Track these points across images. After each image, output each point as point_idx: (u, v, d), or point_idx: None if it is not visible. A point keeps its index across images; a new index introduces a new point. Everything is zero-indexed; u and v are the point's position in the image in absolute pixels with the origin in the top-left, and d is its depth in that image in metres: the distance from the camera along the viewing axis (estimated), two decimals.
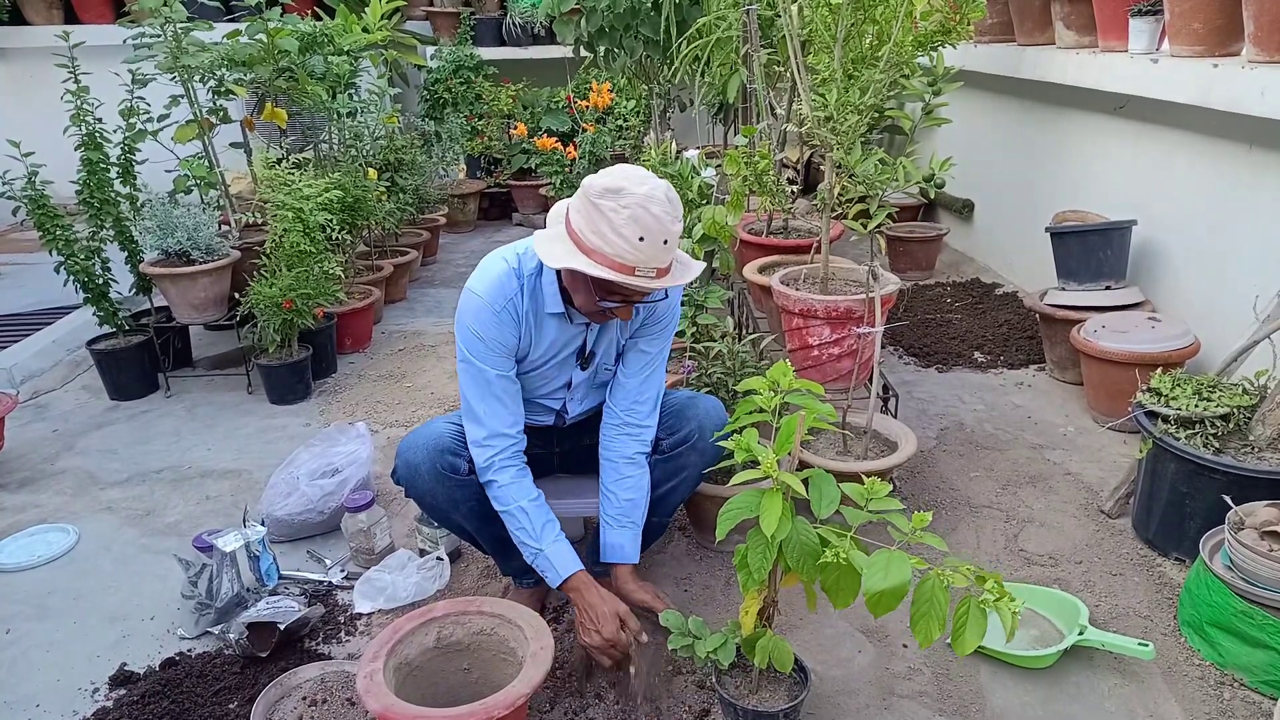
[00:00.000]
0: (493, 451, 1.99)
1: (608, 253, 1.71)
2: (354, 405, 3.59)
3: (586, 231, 1.74)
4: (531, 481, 2.02)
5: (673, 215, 1.74)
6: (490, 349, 1.94)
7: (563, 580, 1.97)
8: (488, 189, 6.62)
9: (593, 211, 1.72)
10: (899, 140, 5.86)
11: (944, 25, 2.63)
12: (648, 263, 1.72)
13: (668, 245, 1.74)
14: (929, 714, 1.96)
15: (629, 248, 1.70)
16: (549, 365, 2.06)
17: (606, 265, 1.72)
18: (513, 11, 6.91)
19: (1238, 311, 2.84)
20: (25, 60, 6.19)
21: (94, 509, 2.89)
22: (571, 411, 2.20)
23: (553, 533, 1.99)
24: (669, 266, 1.79)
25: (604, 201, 1.71)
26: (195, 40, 3.69)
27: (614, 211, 1.70)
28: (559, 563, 1.97)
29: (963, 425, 3.25)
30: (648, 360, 2.08)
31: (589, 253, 1.74)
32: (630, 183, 1.72)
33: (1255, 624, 1.95)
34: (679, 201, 1.78)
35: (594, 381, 2.16)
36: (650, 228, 1.70)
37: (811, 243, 3.58)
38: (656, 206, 1.70)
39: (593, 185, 1.73)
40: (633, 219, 1.69)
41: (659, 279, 1.76)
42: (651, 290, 1.79)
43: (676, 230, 1.74)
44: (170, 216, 3.56)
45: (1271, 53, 2.67)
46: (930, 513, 1.61)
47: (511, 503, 1.98)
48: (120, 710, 2.01)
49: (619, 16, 4.17)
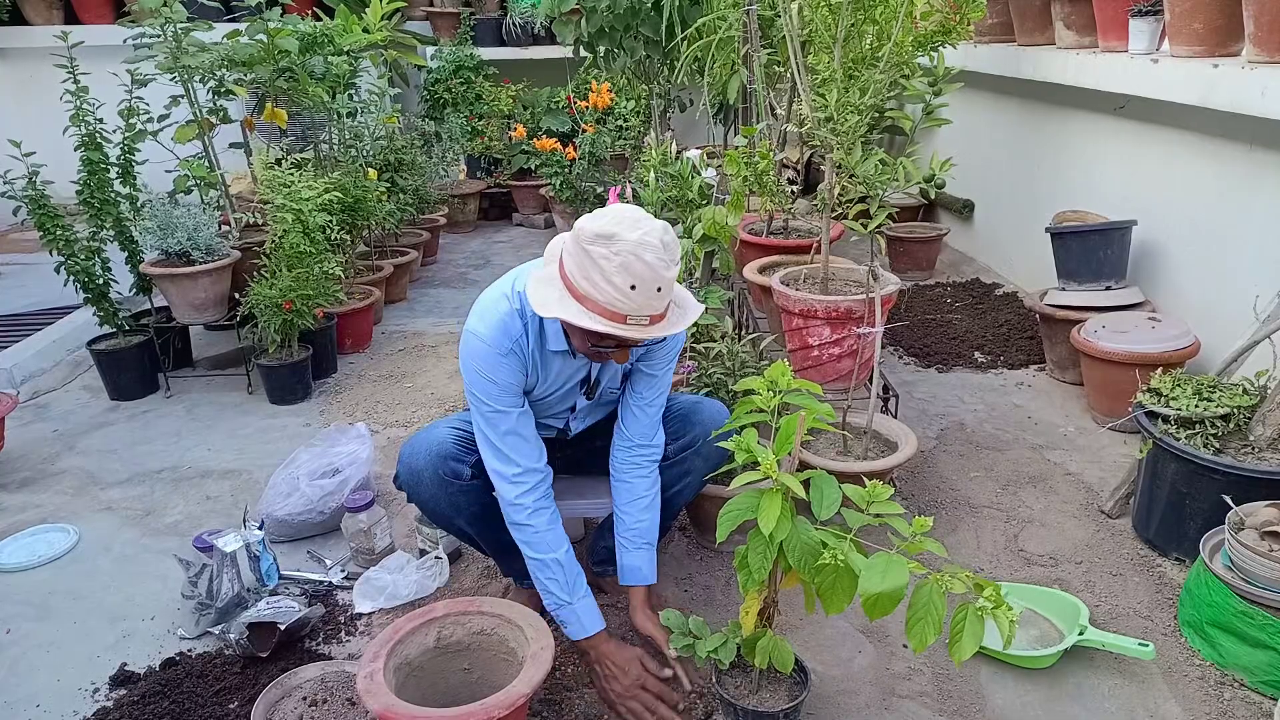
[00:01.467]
0: (524, 489, 1.94)
1: (599, 300, 1.66)
2: (354, 405, 3.59)
3: (578, 277, 1.68)
4: (560, 527, 2.00)
5: (666, 261, 1.66)
6: (503, 390, 1.90)
7: (586, 636, 1.97)
8: (488, 189, 6.62)
9: (584, 258, 1.67)
10: (899, 140, 5.86)
11: (944, 25, 2.64)
12: (640, 311, 1.66)
13: (661, 293, 1.67)
14: (929, 714, 1.96)
15: (620, 296, 1.64)
16: (554, 396, 2.05)
17: (598, 313, 1.66)
18: (513, 12, 6.91)
19: (1238, 311, 2.84)
20: (25, 60, 6.19)
21: (94, 509, 2.89)
22: (575, 429, 2.20)
23: (582, 588, 1.98)
24: (664, 311, 1.74)
25: (595, 248, 1.65)
26: (195, 40, 3.69)
27: (605, 259, 1.63)
28: (586, 619, 1.97)
29: (963, 425, 3.25)
30: (654, 383, 2.06)
31: (581, 299, 1.69)
32: (622, 228, 1.65)
33: (1255, 624, 1.95)
34: (676, 244, 1.71)
35: (598, 404, 2.16)
36: (642, 276, 1.63)
37: (811, 243, 3.58)
38: (649, 254, 1.63)
39: (585, 230, 1.67)
40: (624, 267, 1.63)
41: (652, 326, 1.70)
42: (644, 337, 1.73)
43: (670, 276, 1.68)
44: (170, 217, 3.56)
45: (1272, 53, 2.67)
46: (930, 517, 1.61)
47: (547, 552, 1.96)
48: (120, 710, 2.01)
49: (619, 17, 4.18)
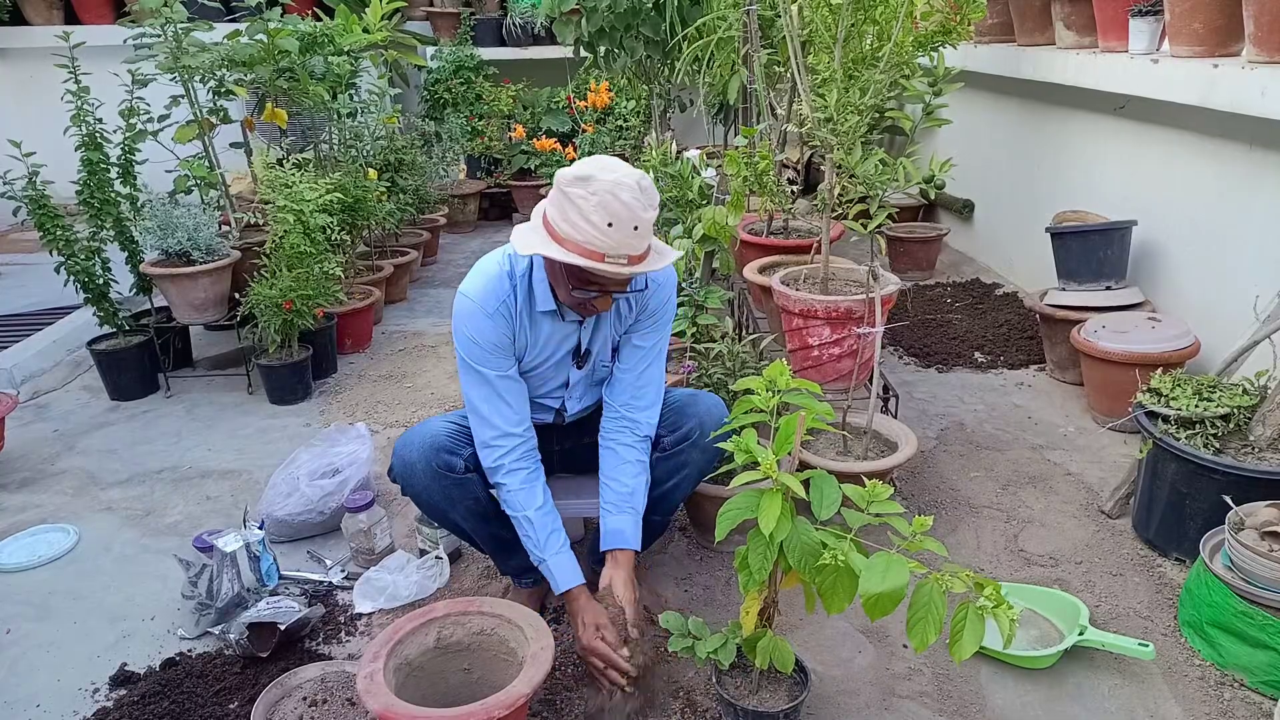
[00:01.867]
0: (501, 452, 1.99)
1: (578, 240, 1.73)
2: (354, 405, 3.59)
3: (558, 220, 1.76)
4: (541, 486, 2.03)
5: (643, 202, 1.73)
6: (487, 351, 1.96)
7: (561, 591, 1.99)
8: (488, 189, 6.62)
9: (563, 200, 1.74)
10: (899, 141, 5.86)
11: (944, 26, 2.63)
12: (617, 249, 1.72)
13: (639, 231, 1.73)
14: (929, 714, 1.96)
15: (598, 234, 1.71)
16: (546, 365, 2.07)
17: (576, 252, 1.73)
18: (513, 12, 6.91)
19: (1238, 311, 2.84)
20: (25, 60, 6.19)
21: (94, 509, 2.89)
22: (570, 409, 2.20)
23: (557, 543, 2.00)
24: (643, 254, 1.79)
25: (573, 189, 1.73)
26: (195, 41, 3.68)
27: (582, 199, 1.71)
28: (560, 575, 1.99)
29: (963, 425, 3.25)
30: (642, 354, 2.08)
31: (561, 241, 1.75)
32: (599, 171, 1.73)
33: (1255, 624, 1.95)
34: (653, 190, 1.78)
35: (592, 379, 2.16)
36: (619, 214, 1.70)
37: (812, 243, 3.58)
38: (625, 193, 1.71)
39: (564, 175, 1.76)
40: (601, 205, 1.70)
41: (631, 266, 1.76)
42: (623, 276, 1.78)
43: (648, 218, 1.74)
44: (170, 217, 3.56)
45: (1272, 53, 2.67)
46: (931, 517, 1.61)
47: (520, 510, 1.99)
48: (120, 710, 2.01)
49: (619, 17, 4.17)
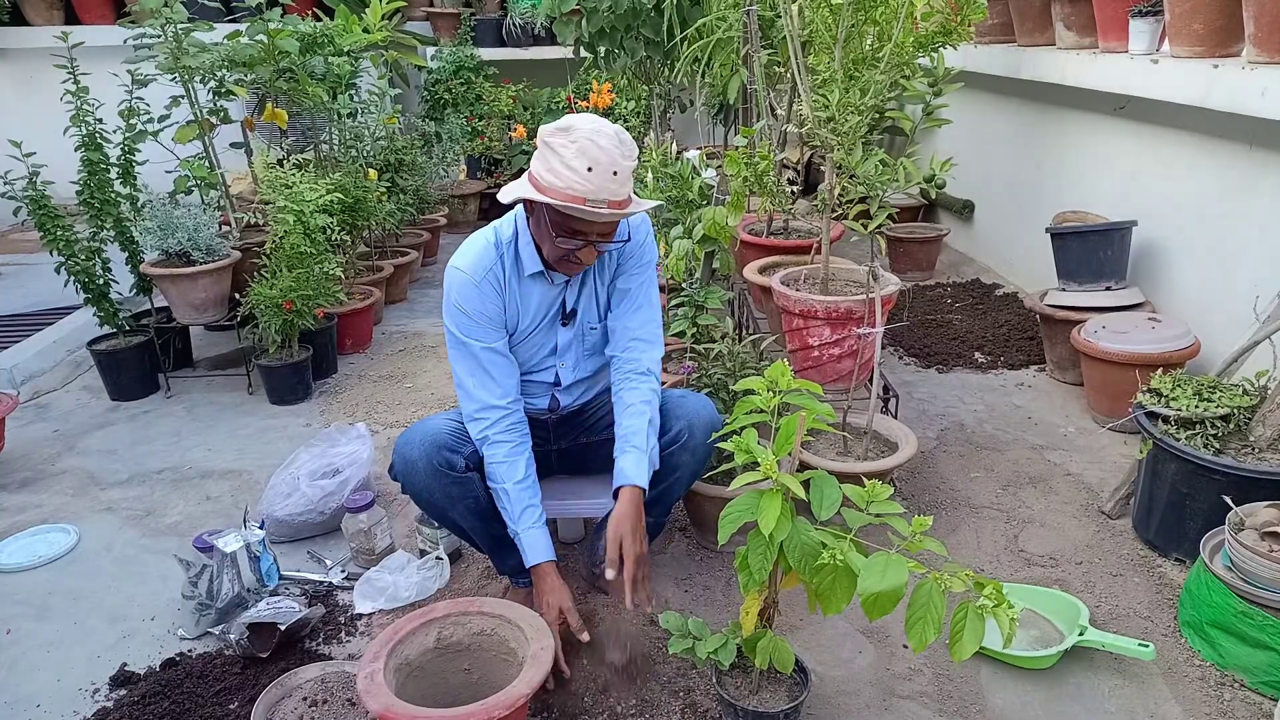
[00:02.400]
0: (485, 424, 2.03)
1: (559, 186, 1.80)
2: (354, 406, 3.59)
3: (541, 171, 1.83)
4: (525, 461, 2.05)
5: (622, 151, 1.81)
6: (475, 322, 2.00)
7: (532, 565, 2.04)
8: (488, 189, 6.61)
9: (546, 151, 1.83)
10: (899, 141, 5.86)
11: (944, 26, 2.63)
12: (597, 194, 1.79)
13: (618, 176, 1.80)
14: (929, 714, 1.96)
15: (578, 179, 1.77)
16: (536, 330, 2.10)
17: (558, 197, 1.79)
18: (513, 12, 6.91)
19: (1238, 312, 2.84)
20: (25, 61, 6.19)
21: (94, 509, 2.89)
22: (565, 380, 2.20)
23: (531, 518, 2.03)
24: (624, 202, 1.84)
25: (554, 139, 1.81)
26: (195, 41, 3.69)
27: (563, 147, 1.79)
28: (531, 549, 2.03)
29: (963, 426, 3.25)
30: (630, 295, 2.12)
31: (544, 190, 1.82)
32: (579, 122, 1.82)
33: (1255, 624, 1.95)
34: (632, 143, 1.85)
35: (583, 345, 2.18)
36: (598, 159, 1.77)
37: (812, 243, 3.59)
38: (604, 140, 1.79)
39: (546, 128, 1.84)
40: (580, 151, 1.77)
41: (611, 210, 1.81)
42: (603, 219, 1.83)
43: (627, 166, 1.81)
44: (171, 217, 3.56)
45: (1272, 53, 2.67)
46: (930, 516, 1.61)
47: (500, 482, 2.03)
48: (121, 711, 2.01)
49: (620, 17, 4.17)
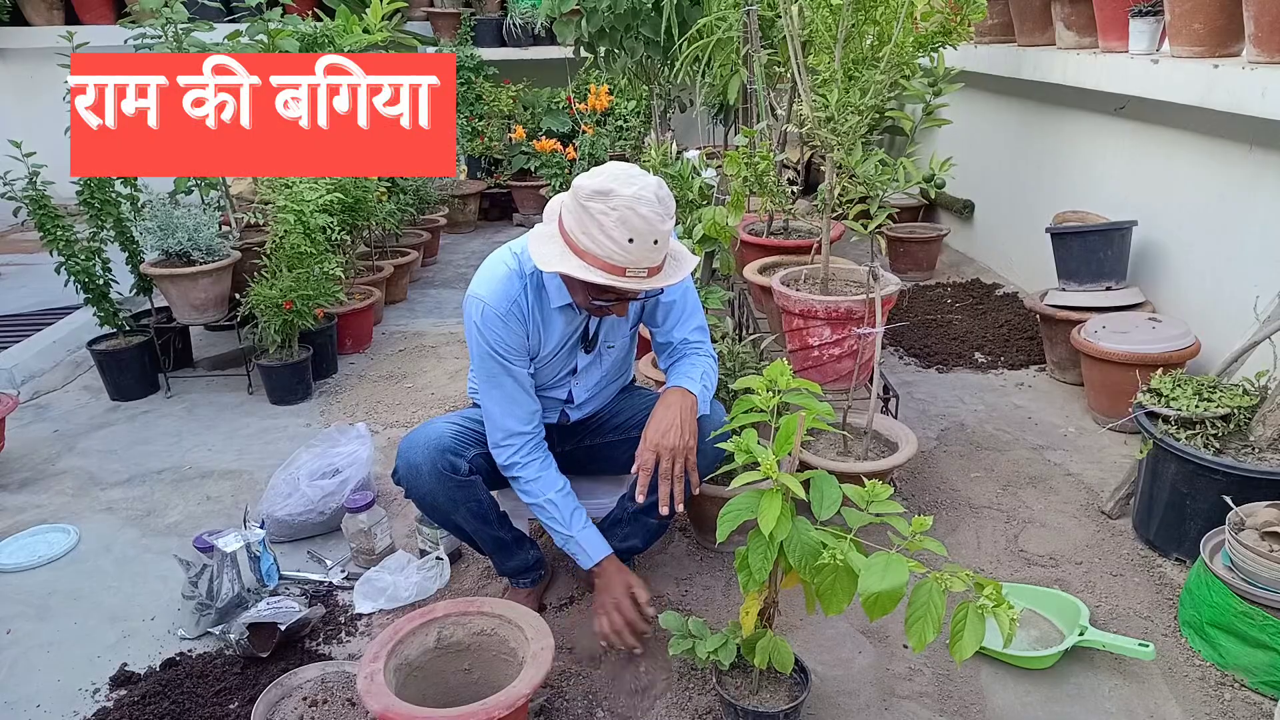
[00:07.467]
0: (511, 450, 2.05)
1: (599, 255, 1.74)
2: (354, 406, 3.59)
3: (577, 233, 1.77)
4: (554, 470, 2.08)
5: (661, 214, 1.74)
6: (500, 353, 1.97)
7: (593, 564, 2.05)
8: (488, 189, 6.62)
9: (583, 214, 1.75)
10: (899, 141, 5.86)
11: (944, 26, 2.63)
12: (638, 263, 1.75)
13: (658, 245, 1.76)
14: (929, 714, 1.96)
15: (619, 250, 1.72)
16: (556, 356, 2.10)
17: (598, 267, 1.75)
18: (513, 12, 6.91)
19: (1238, 312, 2.84)
20: (26, 61, 6.20)
21: (94, 509, 2.89)
22: (578, 397, 2.21)
23: (581, 520, 2.06)
24: (661, 264, 1.82)
25: (593, 204, 1.73)
26: (196, 41, 3.69)
27: (603, 214, 1.72)
28: (590, 549, 2.05)
29: (963, 426, 3.25)
30: (675, 307, 2.11)
31: (581, 254, 1.77)
32: (618, 184, 1.73)
33: (1256, 624, 1.95)
34: (670, 199, 1.79)
35: (600, 367, 2.19)
36: (639, 229, 1.71)
37: (812, 243, 3.58)
38: (645, 207, 1.71)
39: (582, 187, 1.75)
40: (621, 221, 1.71)
41: (650, 278, 1.79)
42: (643, 291, 1.82)
43: (667, 229, 1.76)
44: (171, 217, 3.56)
45: (1272, 53, 2.67)
46: (931, 516, 1.61)
47: (540, 495, 2.04)
48: (121, 711, 2.01)
49: (619, 17, 4.17)
